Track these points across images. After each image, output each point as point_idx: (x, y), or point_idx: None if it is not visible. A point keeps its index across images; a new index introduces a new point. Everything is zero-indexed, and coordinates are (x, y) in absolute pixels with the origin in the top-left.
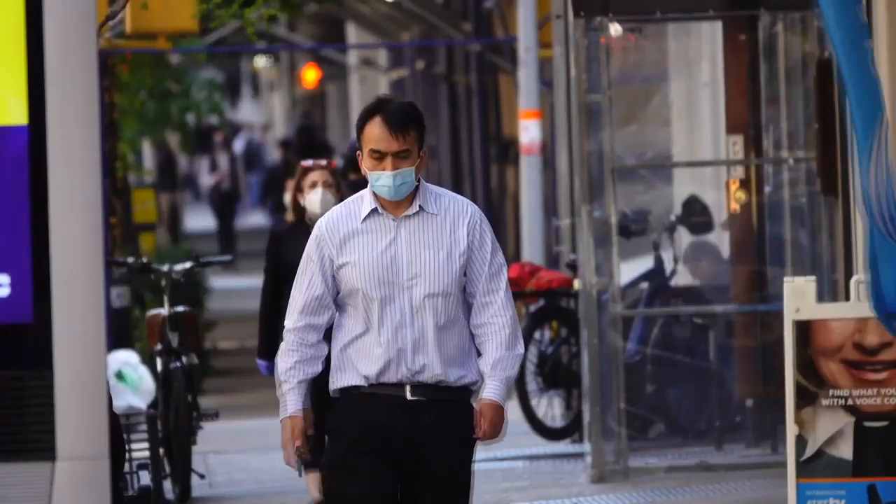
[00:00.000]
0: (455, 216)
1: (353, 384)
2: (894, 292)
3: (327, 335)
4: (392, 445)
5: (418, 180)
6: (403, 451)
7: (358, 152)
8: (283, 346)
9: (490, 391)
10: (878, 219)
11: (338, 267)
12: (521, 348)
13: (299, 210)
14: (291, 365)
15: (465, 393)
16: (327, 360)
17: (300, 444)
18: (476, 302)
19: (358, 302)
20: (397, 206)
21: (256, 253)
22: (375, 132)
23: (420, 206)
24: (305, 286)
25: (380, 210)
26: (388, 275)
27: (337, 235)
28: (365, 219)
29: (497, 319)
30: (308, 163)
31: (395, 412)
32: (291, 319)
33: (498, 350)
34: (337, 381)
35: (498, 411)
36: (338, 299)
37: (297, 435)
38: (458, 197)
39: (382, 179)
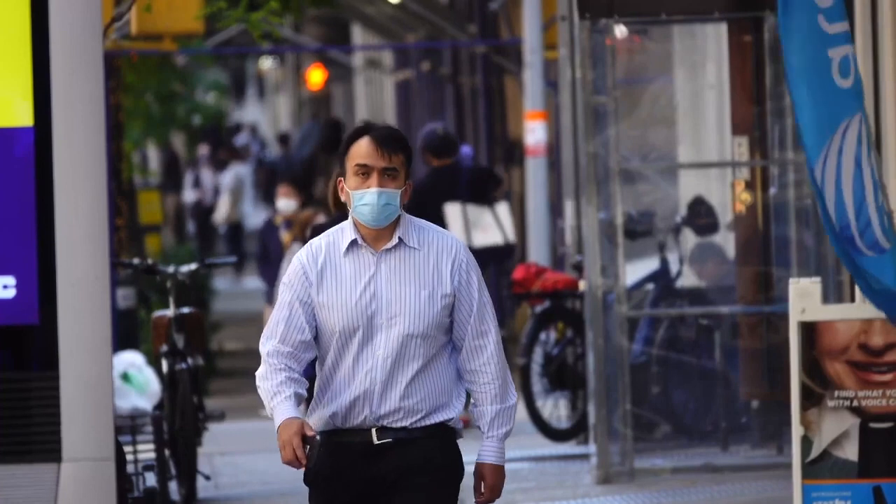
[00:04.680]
0: (439, 252)
1: (321, 429)
2: (865, 289)
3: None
4: (364, 492)
5: (401, 213)
6: (378, 496)
7: (340, 179)
8: (264, 369)
9: (489, 453)
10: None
11: (317, 305)
12: (513, 398)
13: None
14: (282, 379)
15: (439, 429)
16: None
17: (301, 441)
18: (466, 346)
19: (334, 341)
20: (378, 237)
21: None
22: (363, 149)
23: (400, 238)
24: (286, 316)
25: (360, 242)
26: (367, 313)
27: (316, 271)
28: (345, 252)
29: (489, 368)
30: None
31: (365, 458)
32: (272, 344)
33: (493, 406)
34: (311, 423)
35: (499, 474)
36: (318, 335)
37: (295, 433)
38: (444, 232)
39: (366, 197)
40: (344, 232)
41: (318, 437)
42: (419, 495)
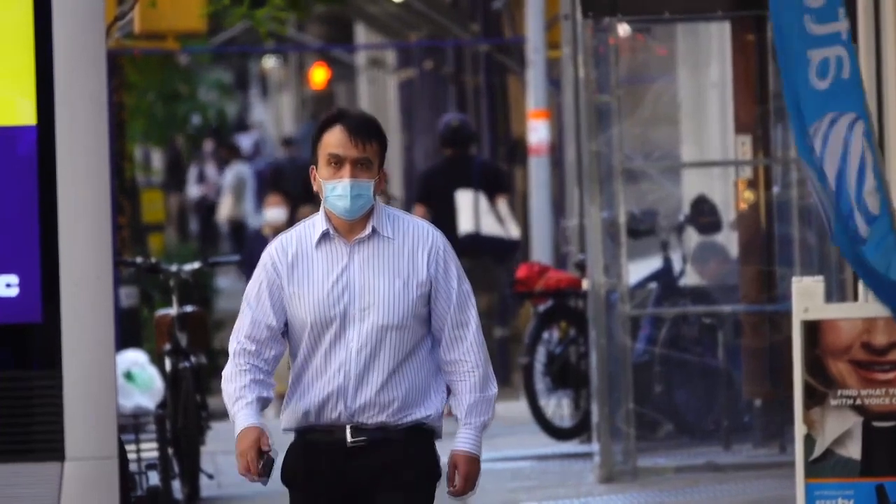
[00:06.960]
0: (414, 242)
1: (294, 426)
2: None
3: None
4: (341, 492)
5: (374, 203)
6: (354, 498)
7: (312, 168)
8: (229, 369)
9: (464, 441)
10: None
11: (287, 297)
12: (493, 389)
13: None
14: (246, 383)
15: (417, 429)
16: None
17: (256, 455)
18: (445, 336)
19: (306, 334)
20: (350, 228)
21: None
22: (335, 138)
23: (373, 227)
24: (252, 311)
25: (332, 233)
26: (339, 305)
27: (286, 263)
28: (317, 244)
29: (469, 357)
30: None
31: (337, 458)
32: (238, 342)
33: (471, 394)
34: (284, 420)
35: (473, 464)
36: (290, 331)
37: (251, 445)
38: (420, 221)
39: (339, 189)
40: (315, 223)
41: (273, 452)
42: (395, 497)
